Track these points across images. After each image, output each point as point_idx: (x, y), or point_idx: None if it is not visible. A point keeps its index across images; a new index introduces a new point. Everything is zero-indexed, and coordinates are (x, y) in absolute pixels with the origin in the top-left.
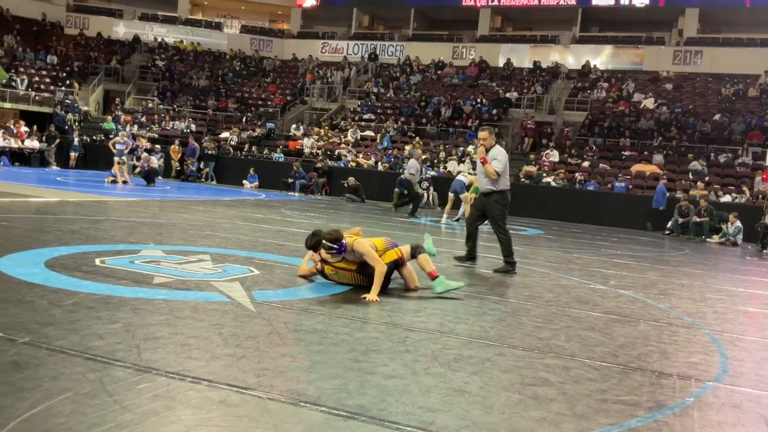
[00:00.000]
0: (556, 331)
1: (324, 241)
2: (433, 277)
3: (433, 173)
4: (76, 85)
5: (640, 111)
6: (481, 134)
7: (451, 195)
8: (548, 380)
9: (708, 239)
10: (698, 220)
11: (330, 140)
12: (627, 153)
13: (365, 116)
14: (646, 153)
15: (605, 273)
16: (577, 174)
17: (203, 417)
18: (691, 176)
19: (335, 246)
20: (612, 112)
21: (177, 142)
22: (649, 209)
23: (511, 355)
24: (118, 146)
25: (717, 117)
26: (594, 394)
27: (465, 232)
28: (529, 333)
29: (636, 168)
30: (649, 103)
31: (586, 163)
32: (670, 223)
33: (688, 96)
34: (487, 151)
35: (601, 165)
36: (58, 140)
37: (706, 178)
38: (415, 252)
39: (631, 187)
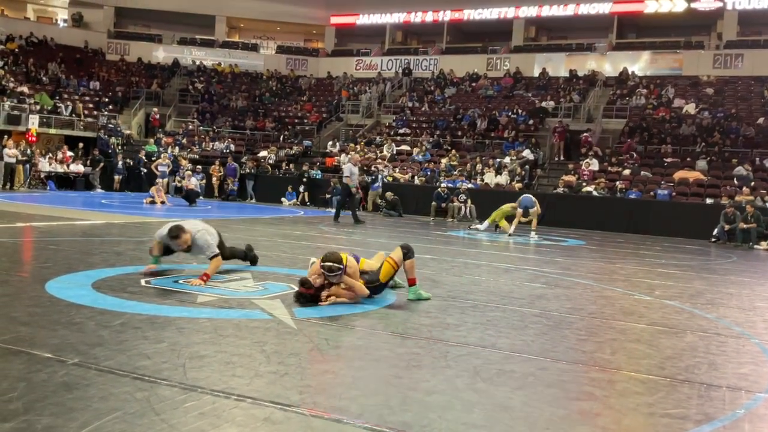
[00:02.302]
0: (600, 343)
1: (329, 264)
2: (412, 284)
3: (470, 185)
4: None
5: (681, 117)
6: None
7: (519, 210)
8: (593, 394)
9: (756, 246)
10: (745, 226)
11: (366, 156)
12: (669, 160)
13: (401, 131)
14: (688, 159)
15: (650, 283)
16: (618, 182)
17: None
18: (736, 182)
19: (341, 266)
20: (652, 119)
21: (218, 162)
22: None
23: (555, 369)
24: (160, 168)
25: (761, 120)
26: (641, 408)
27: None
28: (572, 346)
29: (679, 175)
30: (690, 108)
31: (627, 171)
32: (716, 231)
33: (730, 100)
34: None
35: (642, 173)
36: (102, 164)
37: (752, 183)
38: (407, 254)
39: (674, 194)
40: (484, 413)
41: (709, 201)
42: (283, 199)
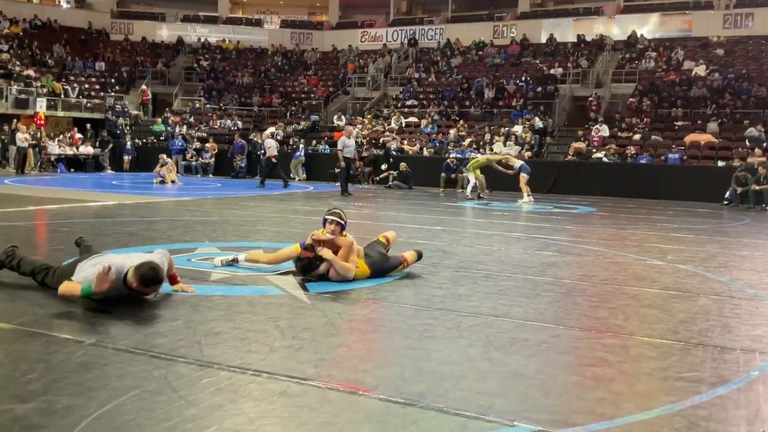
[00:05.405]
0: (613, 309)
1: (337, 210)
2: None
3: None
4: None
5: (692, 79)
6: None
7: (524, 175)
8: (607, 360)
9: None
10: (757, 188)
11: (374, 129)
12: (680, 123)
13: (408, 102)
14: (699, 122)
15: (662, 248)
16: (630, 147)
17: (265, 408)
18: (748, 143)
19: (343, 221)
20: (662, 82)
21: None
22: None
23: (568, 337)
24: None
25: None
26: (655, 372)
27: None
28: (585, 313)
29: (690, 138)
30: (701, 70)
31: (637, 136)
32: (728, 193)
33: (740, 60)
34: None
35: (653, 137)
36: (111, 145)
37: (764, 144)
38: (418, 259)
39: (685, 158)
40: (498, 382)
41: (720, 164)
42: (292, 174)
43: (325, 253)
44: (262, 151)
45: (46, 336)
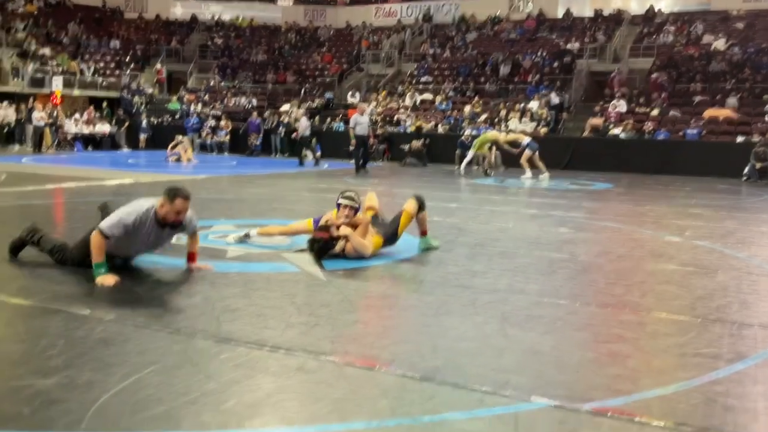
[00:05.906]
0: (629, 286)
1: (350, 193)
2: (423, 235)
3: (495, 132)
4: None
5: (711, 53)
6: None
7: (528, 152)
8: (623, 336)
9: None
10: None
11: (388, 106)
12: (698, 98)
13: (422, 79)
14: (719, 97)
15: (680, 224)
16: (647, 123)
17: (282, 384)
18: (767, 118)
19: (358, 203)
20: (681, 56)
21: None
22: None
23: (584, 313)
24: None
25: None
26: (672, 349)
27: None
28: (601, 290)
29: (709, 113)
30: (720, 44)
31: (655, 112)
32: (747, 169)
33: (761, 34)
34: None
35: (671, 112)
36: (127, 123)
37: None
38: (421, 206)
39: (704, 133)
40: (513, 358)
41: (739, 139)
42: (307, 152)
43: (344, 229)
44: (283, 130)
45: (66, 313)
